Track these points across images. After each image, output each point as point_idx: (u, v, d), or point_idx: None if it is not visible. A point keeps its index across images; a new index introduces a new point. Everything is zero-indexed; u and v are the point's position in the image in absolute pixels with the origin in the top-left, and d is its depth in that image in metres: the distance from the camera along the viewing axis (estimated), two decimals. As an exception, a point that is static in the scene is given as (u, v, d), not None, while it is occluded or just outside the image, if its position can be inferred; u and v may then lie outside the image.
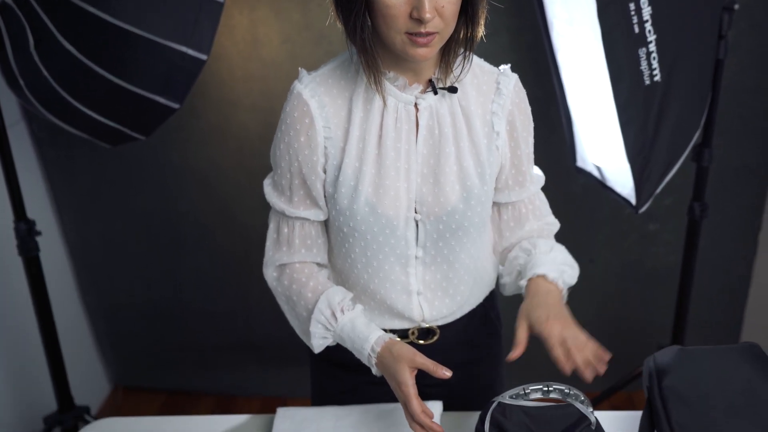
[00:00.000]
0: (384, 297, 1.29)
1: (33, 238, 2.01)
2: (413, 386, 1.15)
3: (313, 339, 1.25)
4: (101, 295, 2.76)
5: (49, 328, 2.13)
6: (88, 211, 2.58)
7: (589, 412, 1.16)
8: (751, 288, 2.61)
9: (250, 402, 2.89)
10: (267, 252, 1.33)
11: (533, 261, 1.27)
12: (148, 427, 1.37)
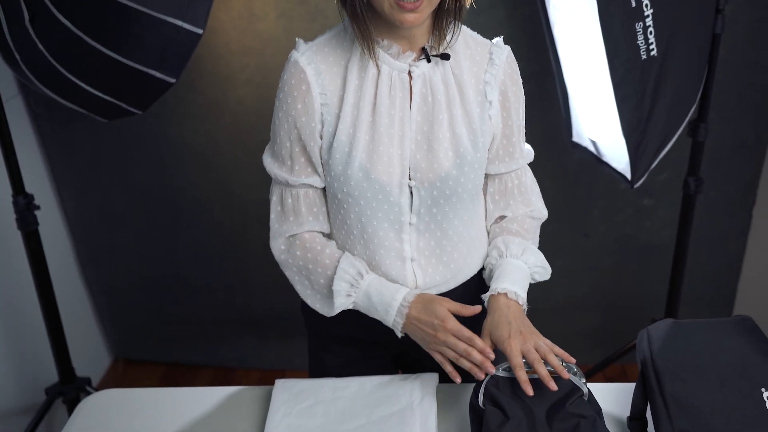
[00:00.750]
0: (378, 264, 1.29)
1: (32, 212, 2.01)
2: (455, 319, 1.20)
3: (337, 297, 1.24)
4: (101, 268, 2.77)
5: (49, 301, 2.13)
6: (86, 185, 2.58)
7: (581, 384, 1.17)
8: (745, 262, 2.62)
9: (249, 374, 2.91)
10: (272, 226, 1.33)
11: (501, 267, 1.29)
12: (148, 398, 1.37)
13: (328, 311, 1.29)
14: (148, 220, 2.64)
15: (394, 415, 1.23)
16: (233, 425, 1.28)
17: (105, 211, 2.63)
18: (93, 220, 2.65)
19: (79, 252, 2.73)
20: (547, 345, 1.19)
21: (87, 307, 2.84)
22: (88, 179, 2.56)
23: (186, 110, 2.39)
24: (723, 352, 1.19)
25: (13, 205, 2.00)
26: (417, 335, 1.23)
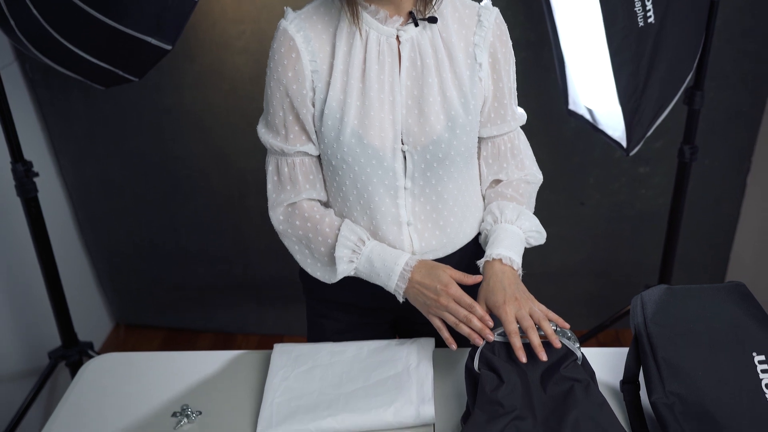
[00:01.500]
0: (375, 229, 1.29)
1: (31, 179, 2.00)
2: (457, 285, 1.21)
3: (340, 264, 1.25)
4: (100, 235, 2.77)
5: (50, 267, 2.14)
6: (84, 153, 2.57)
7: (575, 348, 1.17)
8: (738, 229, 2.62)
9: (248, 339, 2.92)
10: (270, 196, 1.32)
11: (496, 233, 1.29)
12: (149, 362, 1.38)
13: (329, 278, 1.29)
14: (147, 187, 2.63)
15: (391, 379, 1.24)
16: (233, 388, 1.29)
17: (103, 178, 2.62)
18: (92, 187, 2.65)
19: (79, 219, 2.73)
20: (541, 311, 1.20)
21: (88, 273, 2.84)
22: (86, 147, 2.55)
23: (182, 78, 2.37)
24: (715, 317, 1.20)
25: (12, 172, 2.00)
26: (418, 299, 1.23)
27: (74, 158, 2.58)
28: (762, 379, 1.11)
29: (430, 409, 1.17)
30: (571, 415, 1.05)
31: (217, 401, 1.26)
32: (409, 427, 1.17)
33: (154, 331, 3.00)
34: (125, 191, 2.65)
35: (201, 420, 1.22)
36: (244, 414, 1.22)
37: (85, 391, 1.31)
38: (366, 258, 1.25)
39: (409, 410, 1.17)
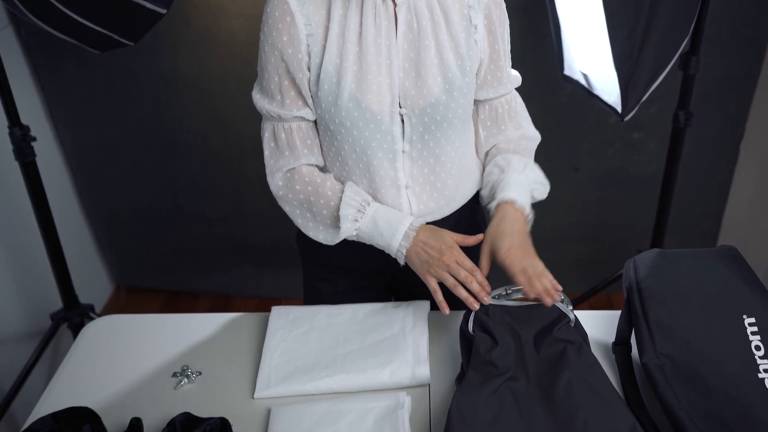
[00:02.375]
0: (375, 193, 1.29)
1: (28, 143, 1.99)
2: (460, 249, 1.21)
3: (344, 223, 1.24)
4: (99, 199, 2.76)
5: (50, 230, 2.14)
6: (81, 117, 2.54)
7: (568, 311, 1.17)
8: (731, 195, 2.62)
9: (246, 302, 2.94)
10: (268, 162, 1.30)
11: (505, 181, 1.28)
12: (150, 324, 1.38)
13: (331, 240, 1.28)
14: (144, 151, 2.61)
15: (387, 341, 1.24)
16: (232, 349, 1.29)
17: (101, 143, 2.60)
18: (89, 152, 2.63)
19: (78, 183, 2.71)
20: (539, 269, 1.19)
21: (87, 237, 2.84)
22: (83, 111, 2.52)
23: (178, 42, 2.33)
24: (707, 280, 1.20)
25: (9, 137, 1.98)
26: (421, 257, 1.22)
27: (71, 123, 2.56)
28: (752, 341, 1.11)
29: (426, 370, 1.18)
30: (564, 375, 1.05)
31: (216, 362, 1.26)
32: (404, 388, 1.18)
33: (153, 293, 3.01)
34: (123, 155, 2.63)
35: (201, 380, 1.23)
36: (243, 374, 1.23)
37: (86, 352, 1.31)
38: (370, 218, 1.25)
39: (405, 371, 1.18)
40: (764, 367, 1.08)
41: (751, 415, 1.00)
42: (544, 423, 1.00)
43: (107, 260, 2.94)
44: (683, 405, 1.02)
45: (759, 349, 1.10)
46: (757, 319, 1.13)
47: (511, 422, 1.00)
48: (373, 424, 1.07)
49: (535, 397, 1.05)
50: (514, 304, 1.20)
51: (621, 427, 0.97)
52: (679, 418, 1.00)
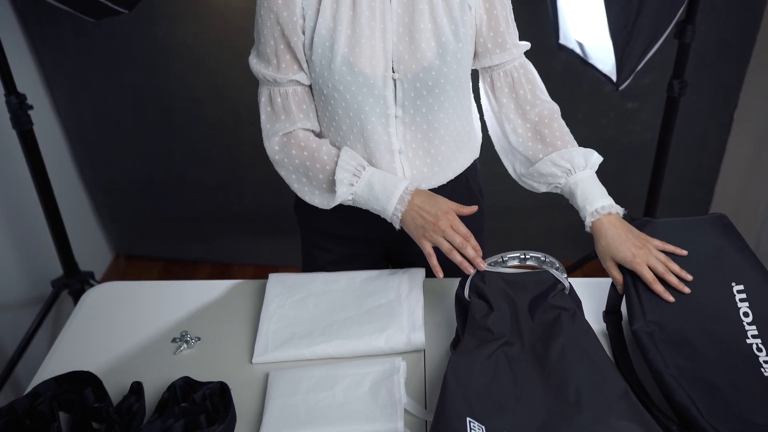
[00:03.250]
0: (369, 157, 1.28)
1: (25, 112, 1.97)
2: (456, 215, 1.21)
3: (340, 186, 1.22)
4: (97, 168, 2.74)
5: (49, 198, 2.13)
6: (78, 86, 2.52)
7: (563, 278, 1.18)
8: (723, 164, 2.62)
9: (244, 269, 2.94)
10: (264, 127, 1.29)
11: (581, 187, 1.25)
12: (149, 290, 1.39)
13: (327, 204, 1.27)
14: (141, 120, 2.59)
15: (383, 307, 1.24)
16: (230, 316, 1.30)
17: (98, 111, 2.58)
18: (87, 120, 2.61)
19: (76, 152, 2.69)
20: (657, 246, 1.19)
21: (86, 205, 2.83)
22: (79, 80, 2.50)
23: (173, 11, 2.30)
24: (697, 248, 1.20)
25: (6, 105, 1.96)
26: (416, 222, 1.21)
27: (68, 92, 2.53)
28: (740, 308, 1.12)
29: (421, 336, 1.19)
30: (558, 341, 1.06)
31: (215, 328, 1.26)
32: (400, 353, 1.18)
33: (153, 261, 3.01)
34: (120, 124, 2.61)
35: (200, 345, 1.23)
36: (241, 340, 1.23)
37: (87, 318, 1.31)
38: (366, 182, 1.24)
39: (401, 337, 1.18)
40: (752, 333, 1.08)
41: (737, 380, 1.01)
42: (538, 387, 1.01)
43: (106, 228, 2.94)
44: (671, 370, 1.03)
45: (747, 316, 1.10)
46: (745, 286, 1.13)
47: (505, 386, 1.01)
48: (369, 389, 1.07)
49: (529, 363, 1.05)
50: (510, 271, 1.20)
51: (613, 391, 0.97)
52: (667, 382, 1.01)
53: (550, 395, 0.99)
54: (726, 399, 0.98)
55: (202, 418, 1.02)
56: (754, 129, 2.45)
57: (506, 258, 1.23)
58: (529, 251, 1.23)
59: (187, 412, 1.03)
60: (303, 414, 1.03)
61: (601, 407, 0.95)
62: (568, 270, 2.41)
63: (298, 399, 1.06)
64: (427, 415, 1.05)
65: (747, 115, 2.46)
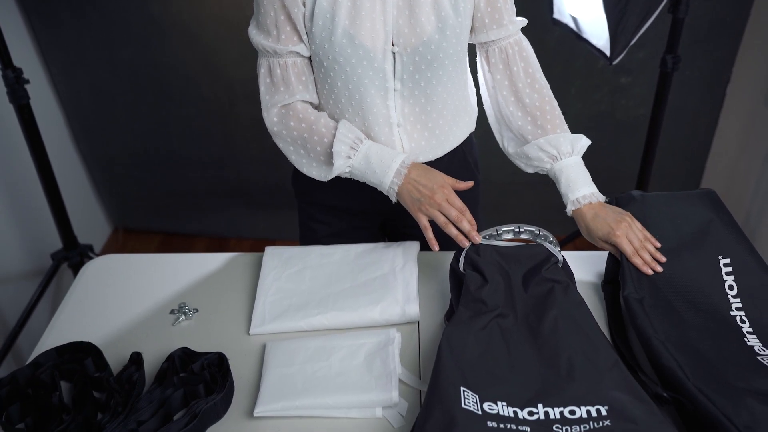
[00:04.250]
0: (367, 130, 1.27)
1: (22, 86, 1.95)
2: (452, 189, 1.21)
3: (337, 159, 1.22)
4: (95, 143, 2.73)
5: (47, 173, 2.12)
6: (74, 62, 2.49)
7: (556, 252, 1.18)
8: (715, 139, 2.61)
9: (241, 243, 2.94)
10: (263, 98, 1.28)
11: (565, 175, 1.26)
12: (148, 263, 1.38)
13: (325, 176, 1.27)
14: (137, 95, 2.57)
15: (378, 279, 1.25)
16: (227, 288, 1.30)
17: (95, 87, 2.56)
18: (83, 96, 2.58)
19: (73, 127, 2.68)
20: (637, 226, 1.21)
21: (84, 179, 2.82)
22: (75, 56, 2.47)
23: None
24: (686, 222, 1.21)
25: (2, 79, 1.94)
26: (412, 195, 1.21)
27: (64, 67, 2.51)
28: (725, 280, 1.13)
29: (415, 308, 1.19)
30: (551, 313, 1.06)
31: (212, 300, 1.27)
32: (394, 324, 1.19)
33: (151, 235, 3.01)
34: (116, 99, 2.59)
35: (198, 317, 1.23)
36: (239, 312, 1.24)
37: (87, 290, 1.31)
38: (363, 155, 1.23)
39: (395, 309, 1.19)
40: (736, 305, 1.10)
41: (722, 348, 1.03)
42: (531, 358, 1.01)
43: (105, 202, 2.93)
44: (659, 336, 1.04)
45: (732, 289, 1.12)
46: (732, 259, 1.15)
47: (498, 357, 1.01)
48: (364, 359, 1.08)
49: (522, 334, 1.06)
50: (505, 244, 1.20)
51: (604, 362, 0.98)
52: (655, 347, 1.02)
53: (542, 366, 1.00)
54: (711, 364, 0.99)
55: (201, 387, 1.03)
56: (746, 104, 2.44)
57: (501, 231, 1.23)
58: (523, 225, 1.23)
59: (186, 382, 1.04)
60: (299, 384, 1.04)
61: (593, 377, 0.96)
62: (562, 243, 2.43)
63: (294, 369, 1.07)
64: (422, 385, 1.06)
65: (739, 91, 2.45)
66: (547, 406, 0.92)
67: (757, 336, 1.05)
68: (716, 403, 0.89)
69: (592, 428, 0.87)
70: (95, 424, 0.98)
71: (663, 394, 0.96)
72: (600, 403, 0.91)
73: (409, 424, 0.99)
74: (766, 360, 1.00)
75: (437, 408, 0.90)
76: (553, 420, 0.90)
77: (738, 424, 0.85)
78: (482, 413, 0.90)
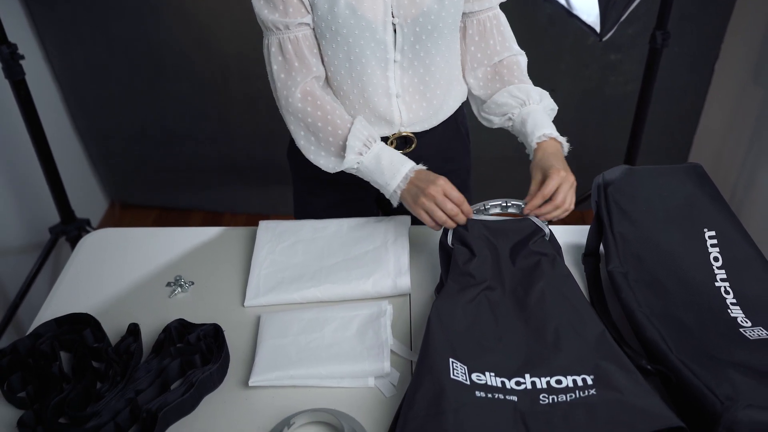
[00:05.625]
0: (367, 101, 1.27)
1: (17, 62, 1.93)
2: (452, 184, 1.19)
3: (349, 153, 1.21)
4: (91, 119, 2.71)
5: (43, 148, 2.11)
6: (69, 38, 2.46)
7: (543, 225, 1.18)
8: (703, 115, 2.61)
9: (236, 218, 2.94)
10: (278, 77, 1.24)
11: (533, 117, 1.26)
12: (144, 236, 1.39)
13: (333, 167, 1.26)
14: (132, 71, 2.55)
15: (370, 253, 1.25)
16: (222, 261, 1.30)
17: (90, 63, 2.53)
18: (79, 72, 2.56)
19: (69, 103, 2.65)
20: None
21: (81, 154, 2.81)
22: (70, 32, 2.44)
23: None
24: (672, 195, 1.21)
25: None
26: (411, 191, 1.19)
27: (59, 43, 2.48)
28: (711, 252, 1.13)
29: (406, 281, 1.20)
30: (538, 286, 1.07)
31: (207, 273, 1.27)
32: (386, 297, 1.20)
33: (147, 210, 3.00)
34: (111, 75, 2.56)
35: (193, 289, 1.24)
36: (234, 284, 1.24)
37: (84, 263, 1.32)
38: (374, 154, 1.22)
39: (387, 281, 1.19)
40: (720, 276, 1.10)
41: (705, 320, 1.03)
42: (519, 329, 1.02)
43: (101, 177, 2.92)
44: (643, 309, 1.05)
45: (717, 260, 1.12)
46: (717, 232, 1.15)
47: (486, 328, 1.02)
48: (356, 331, 1.09)
49: (510, 306, 1.06)
50: (492, 219, 1.21)
51: (590, 333, 0.99)
52: (639, 320, 1.03)
53: (530, 337, 1.00)
54: (694, 336, 1.00)
55: (197, 358, 1.04)
56: (734, 80, 2.44)
57: (488, 206, 1.24)
58: (510, 199, 1.24)
59: (183, 352, 1.05)
60: (293, 354, 1.05)
61: (579, 348, 0.96)
62: (550, 217, 2.44)
63: (288, 340, 1.08)
64: (412, 356, 1.07)
65: (728, 67, 2.44)
66: (534, 376, 0.93)
67: (741, 307, 1.06)
68: (698, 375, 0.90)
69: (578, 397, 0.88)
70: (94, 392, 0.99)
71: (647, 366, 0.97)
72: (586, 372, 0.92)
73: (400, 394, 1.01)
74: (748, 332, 1.00)
75: (427, 378, 0.91)
76: (540, 389, 0.91)
77: (720, 395, 0.86)
78: (470, 383, 0.91)
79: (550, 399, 0.89)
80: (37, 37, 2.45)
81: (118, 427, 0.94)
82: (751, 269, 1.11)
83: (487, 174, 2.60)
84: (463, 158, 1.48)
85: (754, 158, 2.33)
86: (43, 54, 2.50)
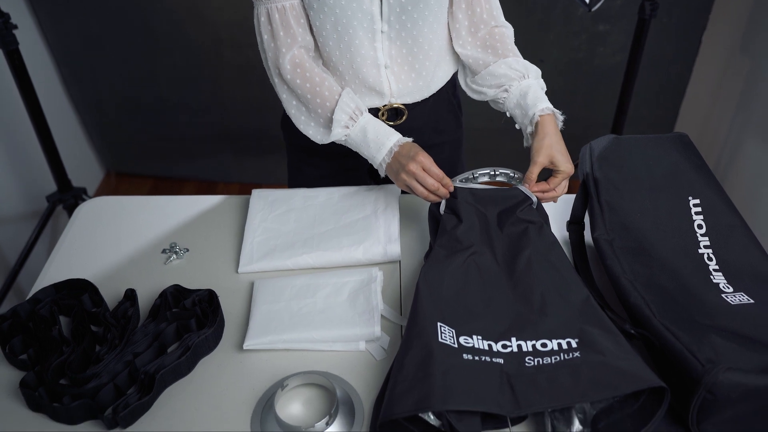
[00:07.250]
0: (356, 71, 1.26)
1: (10, 31, 1.90)
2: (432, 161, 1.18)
3: (336, 127, 1.21)
4: (85, 89, 2.67)
5: (39, 117, 2.09)
6: (61, 7, 2.42)
7: (531, 194, 1.18)
8: (689, 86, 2.60)
9: (229, 187, 2.93)
10: (267, 47, 1.23)
11: (533, 91, 1.24)
12: (139, 204, 1.38)
13: (321, 138, 1.25)
14: (126, 42, 2.51)
15: (360, 221, 1.25)
16: (216, 228, 1.30)
17: (83, 34, 2.49)
18: (72, 41, 2.52)
19: (63, 73, 2.62)
20: None
21: (76, 124, 2.78)
22: (62, 2, 2.40)
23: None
24: (658, 164, 1.21)
25: (-10, 24, 1.89)
26: (393, 168, 1.20)
27: (52, 13, 2.44)
28: (695, 220, 1.14)
29: (396, 248, 1.20)
30: (525, 252, 1.08)
31: (202, 240, 1.27)
32: (377, 264, 1.20)
33: (142, 179, 2.99)
34: (105, 46, 2.53)
35: (188, 256, 1.24)
36: (227, 251, 1.24)
37: (81, 230, 1.31)
38: (361, 127, 1.21)
39: (377, 249, 1.20)
40: (704, 243, 1.11)
41: (688, 285, 1.04)
42: (506, 294, 1.03)
43: (96, 147, 2.90)
44: (628, 275, 1.06)
45: (701, 228, 1.13)
46: (701, 200, 1.15)
47: (474, 293, 1.03)
48: (348, 296, 1.10)
49: (497, 271, 1.07)
50: (481, 187, 1.21)
51: (575, 298, 0.99)
52: (623, 286, 1.04)
53: (516, 302, 1.01)
54: (677, 302, 1.01)
55: (193, 322, 1.04)
56: (721, 51, 2.43)
57: (477, 174, 1.24)
58: (499, 168, 1.24)
59: (178, 317, 1.05)
60: (286, 319, 1.06)
61: (564, 312, 0.97)
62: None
63: (281, 305, 1.08)
64: (402, 321, 1.08)
65: (715, 38, 2.43)
66: (520, 340, 0.94)
67: (723, 273, 1.06)
68: (681, 339, 0.91)
69: (562, 359, 0.89)
70: (94, 355, 1.00)
71: (631, 330, 0.98)
72: (571, 336, 0.93)
73: (390, 357, 1.02)
74: (730, 297, 1.01)
75: (416, 342, 0.92)
76: (525, 352, 0.92)
77: (701, 358, 0.87)
78: (458, 346, 0.92)
79: (536, 361, 0.90)
80: (29, 6, 2.41)
81: (117, 388, 0.95)
82: (734, 236, 1.11)
83: (477, 145, 2.59)
84: (455, 130, 1.47)
85: (739, 128, 2.34)
86: (35, 23, 2.46)
